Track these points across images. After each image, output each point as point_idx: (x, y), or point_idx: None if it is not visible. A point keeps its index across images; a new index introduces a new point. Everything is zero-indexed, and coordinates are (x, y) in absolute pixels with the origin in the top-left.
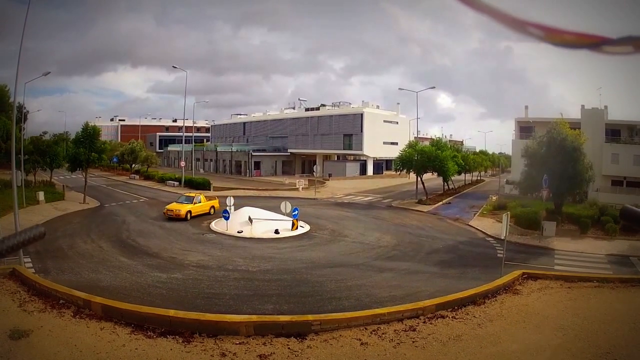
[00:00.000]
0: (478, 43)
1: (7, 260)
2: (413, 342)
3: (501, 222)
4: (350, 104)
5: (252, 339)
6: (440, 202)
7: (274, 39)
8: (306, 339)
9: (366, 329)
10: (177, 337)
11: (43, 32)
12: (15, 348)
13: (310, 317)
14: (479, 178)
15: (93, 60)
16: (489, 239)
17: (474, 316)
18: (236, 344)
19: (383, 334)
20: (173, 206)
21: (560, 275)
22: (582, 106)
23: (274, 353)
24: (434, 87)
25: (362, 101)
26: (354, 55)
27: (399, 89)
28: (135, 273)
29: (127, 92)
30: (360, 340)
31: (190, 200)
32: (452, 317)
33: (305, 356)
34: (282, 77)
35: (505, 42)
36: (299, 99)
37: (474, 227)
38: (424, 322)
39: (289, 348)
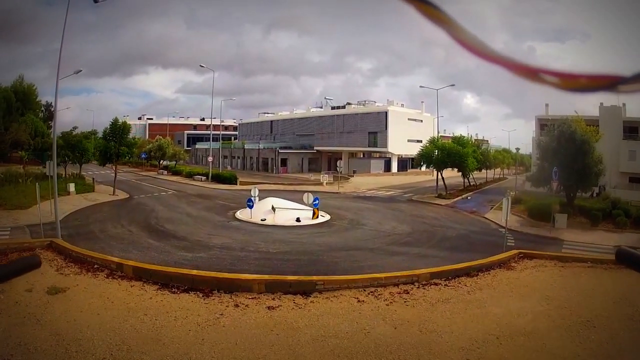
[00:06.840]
0: (502, 44)
1: (46, 234)
2: (405, 302)
3: (516, 216)
4: (375, 102)
5: (264, 295)
6: (460, 197)
7: (303, 42)
8: (310, 296)
9: (364, 290)
10: (198, 292)
11: (75, 35)
12: (53, 300)
13: (315, 277)
14: (501, 176)
15: (124, 63)
16: (502, 229)
17: (465, 285)
18: (249, 298)
19: (379, 294)
20: None
21: (555, 255)
22: (601, 104)
23: (281, 306)
24: (453, 85)
25: (387, 100)
26: (380, 58)
27: (420, 86)
28: (163, 252)
29: (156, 93)
30: (357, 298)
31: None
32: (444, 284)
33: (308, 309)
34: (310, 78)
35: (528, 42)
36: (325, 98)
37: (489, 219)
38: (418, 287)
39: (294, 302)
